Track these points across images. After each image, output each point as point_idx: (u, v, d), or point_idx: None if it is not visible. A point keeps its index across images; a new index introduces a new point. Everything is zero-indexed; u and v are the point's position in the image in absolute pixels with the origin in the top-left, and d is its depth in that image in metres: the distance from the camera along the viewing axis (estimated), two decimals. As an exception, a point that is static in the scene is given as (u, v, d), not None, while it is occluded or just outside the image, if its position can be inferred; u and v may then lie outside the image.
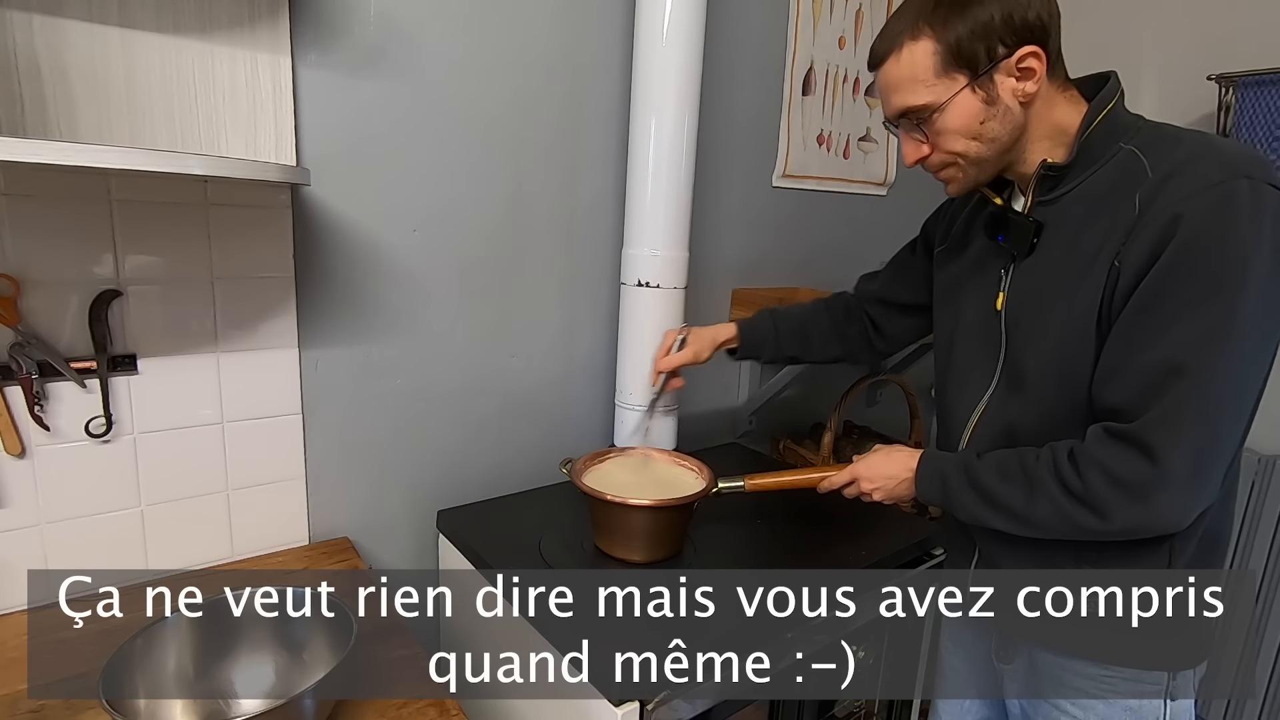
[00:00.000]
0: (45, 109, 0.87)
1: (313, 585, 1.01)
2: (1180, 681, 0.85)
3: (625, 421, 1.35)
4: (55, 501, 0.97)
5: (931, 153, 0.84)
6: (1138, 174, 0.75)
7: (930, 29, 0.77)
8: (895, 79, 0.81)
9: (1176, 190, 0.70)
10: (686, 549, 1.15)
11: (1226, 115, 1.58)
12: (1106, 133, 0.78)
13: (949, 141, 0.81)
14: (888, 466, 0.97)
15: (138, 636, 0.72)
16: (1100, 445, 0.75)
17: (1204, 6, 1.71)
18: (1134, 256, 0.72)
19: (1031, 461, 0.80)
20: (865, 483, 0.99)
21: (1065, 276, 0.79)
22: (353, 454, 1.21)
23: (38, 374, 0.91)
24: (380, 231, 1.17)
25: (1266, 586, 1.65)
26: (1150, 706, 0.86)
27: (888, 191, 1.99)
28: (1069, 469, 0.76)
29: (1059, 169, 0.80)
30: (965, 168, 0.84)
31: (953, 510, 0.88)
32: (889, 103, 0.84)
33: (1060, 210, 0.82)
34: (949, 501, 0.88)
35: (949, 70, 0.77)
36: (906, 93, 0.80)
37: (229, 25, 0.97)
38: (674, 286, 1.29)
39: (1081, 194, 0.80)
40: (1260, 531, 1.66)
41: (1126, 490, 0.73)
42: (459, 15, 1.17)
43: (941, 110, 0.79)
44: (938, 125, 0.81)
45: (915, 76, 0.79)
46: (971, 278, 0.94)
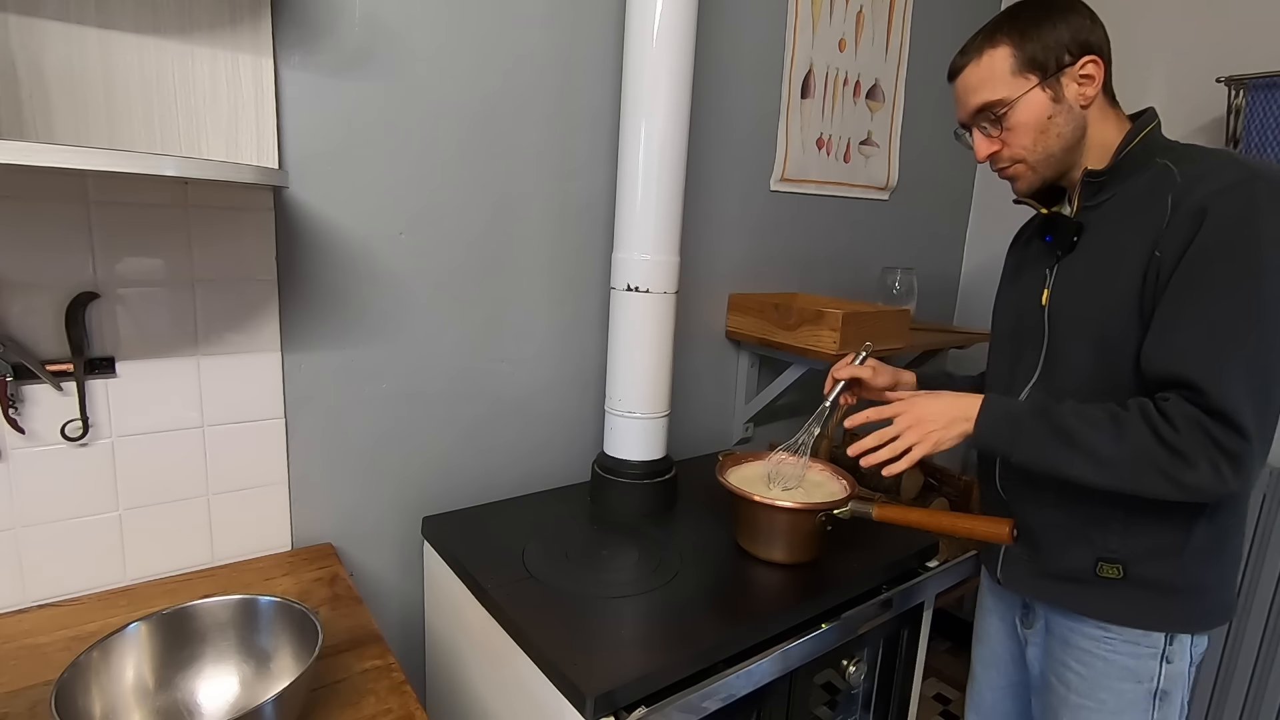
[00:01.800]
0: (21, 110, 0.86)
1: (287, 593, 1.01)
2: (1177, 647, 0.94)
3: (615, 428, 1.33)
4: (31, 505, 0.96)
5: (1002, 148, 0.95)
6: (1170, 180, 0.87)
7: (1008, 39, 0.90)
8: (975, 80, 0.93)
9: (1204, 188, 0.82)
10: (672, 558, 1.12)
11: (1236, 118, 1.54)
12: (1144, 149, 0.91)
13: (1019, 136, 0.92)
14: (940, 406, 0.94)
15: (94, 649, 0.71)
16: (1190, 408, 0.81)
17: (1213, 7, 1.67)
18: (1172, 245, 0.83)
19: (1116, 410, 0.85)
20: (913, 429, 0.93)
21: (1105, 269, 0.91)
22: (336, 459, 1.19)
23: (12, 376, 0.90)
24: (366, 234, 1.15)
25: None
26: (1146, 667, 0.95)
27: (889, 196, 1.96)
28: (1160, 419, 0.81)
29: (1100, 175, 0.93)
30: (1032, 165, 0.94)
31: (1016, 453, 0.89)
32: (966, 104, 0.95)
33: (1102, 214, 0.94)
34: (1017, 442, 0.89)
35: (1023, 71, 0.90)
36: (985, 90, 0.92)
37: (210, 26, 0.96)
38: (664, 291, 1.27)
39: (1120, 199, 0.92)
40: (1272, 545, 1.61)
41: (1223, 454, 0.79)
42: (446, 16, 1.16)
43: (1014, 105, 0.90)
44: (1010, 120, 0.91)
45: (994, 75, 0.91)
46: (1023, 279, 1.06)
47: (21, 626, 0.92)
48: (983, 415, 0.92)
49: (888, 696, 1.31)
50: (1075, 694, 0.99)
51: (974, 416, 0.92)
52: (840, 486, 1.18)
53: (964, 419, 0.92)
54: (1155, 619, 0.94)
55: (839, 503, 1.07)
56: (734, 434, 1.77)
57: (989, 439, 0.91)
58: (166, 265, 1.00)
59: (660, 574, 1.08)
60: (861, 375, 1.07)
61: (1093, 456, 0.84)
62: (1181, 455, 0.80)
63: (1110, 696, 0.97)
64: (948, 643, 2.27)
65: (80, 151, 0.70)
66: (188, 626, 0.80)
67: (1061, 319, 0.96)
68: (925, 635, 1.32)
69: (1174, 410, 0.81)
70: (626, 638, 0.93)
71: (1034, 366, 0.99)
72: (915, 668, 1.33)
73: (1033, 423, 0.88)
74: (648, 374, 1.30)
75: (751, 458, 1.26)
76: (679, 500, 1.37)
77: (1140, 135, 0.92)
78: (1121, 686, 0.96)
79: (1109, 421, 0.84)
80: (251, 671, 0.81)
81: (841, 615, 1.07)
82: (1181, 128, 1.70)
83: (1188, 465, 0.80)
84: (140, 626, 0.77)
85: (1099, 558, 0.94)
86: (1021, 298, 1.04)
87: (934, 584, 1.23)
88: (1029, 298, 1.02)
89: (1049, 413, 0.88)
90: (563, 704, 0.84)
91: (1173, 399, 0.82)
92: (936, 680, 2.14)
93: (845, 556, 1.16)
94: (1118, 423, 0.84)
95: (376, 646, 0.93)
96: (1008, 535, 0.94)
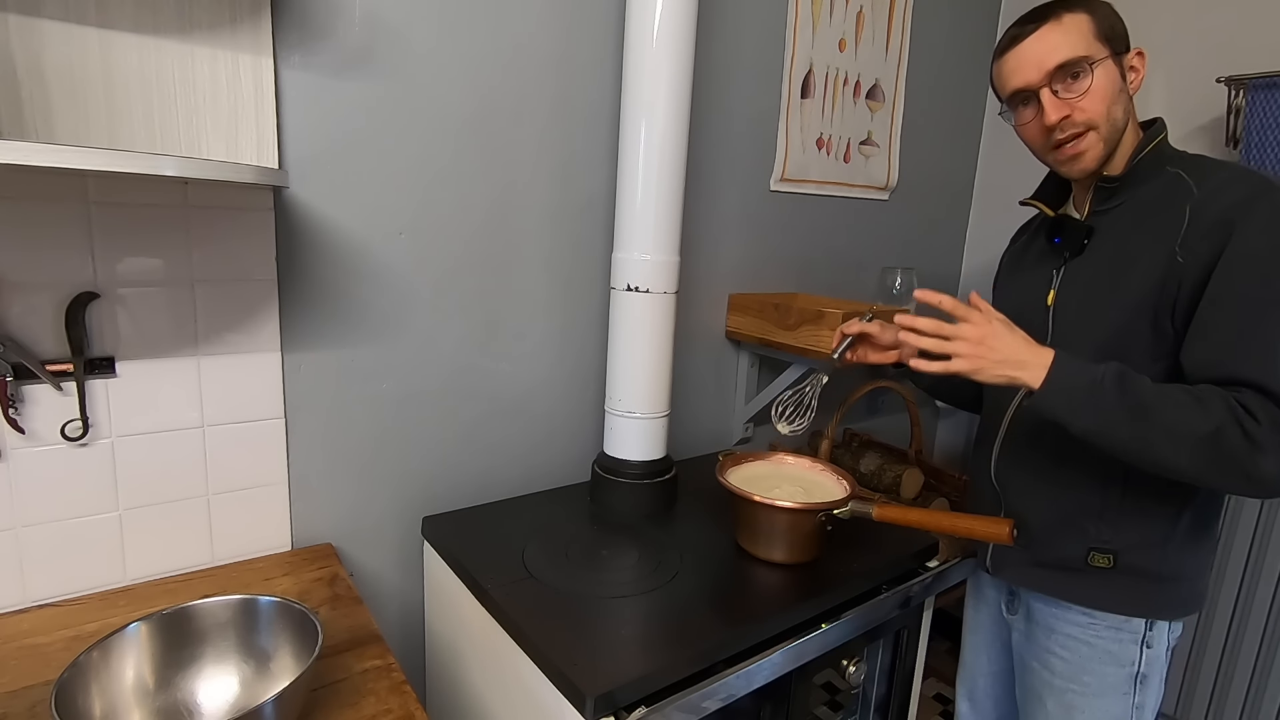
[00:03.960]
0: (21, 110, 0.86)
1: (287, 593, 1.01)
2: (1157, 632, 0.98)
3: (615, 428, 1.33)
4: (31, 505, 0.96)
5: (1073, 113, 0.90)
6: (1184, 190, 0.89)
7: (1084, 7, 0.90)
8: (1056, 38, 0.89)
9: (1226, 200, 0.85)
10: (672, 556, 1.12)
11: (1236, 118, 1.54)
12: (1156, 157, 0.93)
13: (1095, 101, 0.89)
14: (1008, 343, 0.87)
15: (94, 649, 0.71)
16: (1268, 403, 0.80)
17: (1213, 7, 1.67)
18: (1197, 253, 0.85)
19: (1197, 391, 0.83)
20: (968, 343, 0.87)
21: (1116, 273, 0.92)
22: (337, 459, 1.19)
23: (12, 376, 0.90)
24: (366, 234, 1.15)
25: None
26: (1128, 651, 0.98)
27: (889, 196, 1.96)
28: (1241, 410, 0.80)
29: (1113, 180, 0.94)
30: (1103, 135, 0.91)
31: (1076, 416, 0.84)
32: (1043, 63, 0.90)
33: (1112, 219, 0.95)
34: (1088, 408, 0.83)
35: (1100, 39, 0.89)
36: (1067, 48, 0.88)
37: (209, 26, 0.96)
38: (664, 291, 1.27)
39: (1131, 205, 0.94)
40: (1270, 553, 1.61)
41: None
42: (447, 15, 1.16)
43: (1097, 65, 0.88)
44: (1089, 82, 0.89)
45: (1080, 34, 0.89)
46: (1026, 277, 1.06)
47: (21, 626, 0.92)
48: (1055, 372, 0.84)
49: (888, 696, 1.31)
50: (1059, 677, 1.02)
51: (1042, 369, 0.85)
52: (840, 486, 1.18)
53: (1024, 365, 0.85)
54: (1140, 606, 0.97)
55: (839, 503, 1.07)
56: (734, 434, 1.77)
57: (1053, 400, 0.85)
58: (166, 265, 1.00)
59: (660, 574, 1.08)
60: (870, 330, 1.08)
61: (1168, 432, 0.81)
62: (1260, 447, 0.79)
63: (1093, 679, 1.00)
64: (948, 643, 2.27)
65: (80, 151, 0.70)
66: (188, 626, 0.80)
67: (1067, 320, 0.97)
68: (925, 635, 1.32)
69: (1253, 403, 0.80)
70: (626, 638, 0.93)
71: None
72: (915, 668, 1.33)
73: (1113, 390, 0.83)
74: (648, 374, 1.30)
75: (751, 458, 1.26)
76: (679, 500, 1.37)
77: (1153, 143, 0.93)
78: (1104, 670, 0.99)
79: (1193, 402, 0.82)
80: (251, 671, 0.81)
81: (841, 615, 1.07)
82: (1181, 128, 1.70)
83: (1264, 457, 0.79)
84: (140, 626, 0.77)
85: (1091, 547, 0.96)
86: (1023, 297, 1.04)
87: (934, 584, 1.23)
88: (1032, 297, 1.02)
89: (1127, 381, 0.83)
90: (563, 704, 0.84)
91: (1247, 393, 0.81)
92: (936, 680, 2.14)
93: (845, 556, 1.16)
94: (1199, 402, 0.81)
95: (376, 646, 0.93)
96: (1008, 536, 0.94)
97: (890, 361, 1.12)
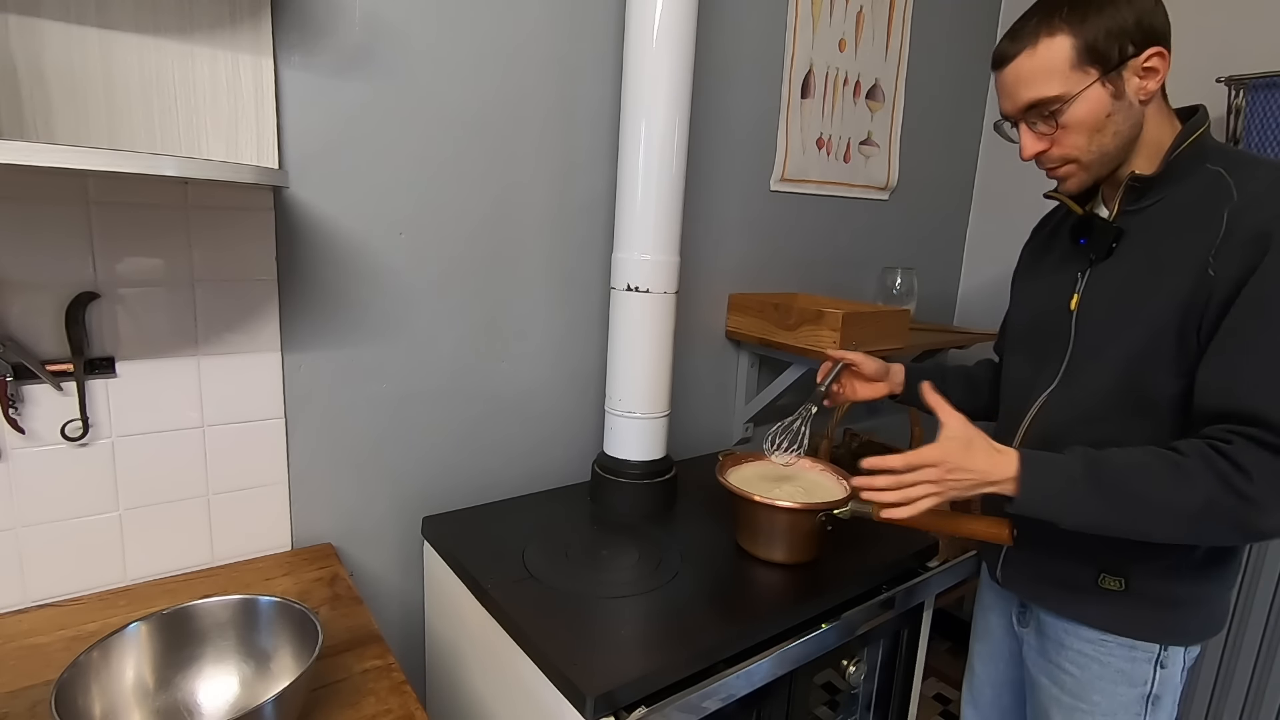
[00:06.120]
0: (21, 110, 0.86)
1: (287, 593, 1.01)
2: (1171, 653, 0.93)
3: (615, 428, 1.33)
4: (31, 505, 0.96)
5: (1051, 147, 0.88)
6: (1224, 192, 0.81)
7: (1067, 26, 0.81)
8: (1028, 72, 0.84)
9: (1268, 210, 0.77)
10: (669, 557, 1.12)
11: (1236, 118, 1.54)
12: (1195, 153, 0.85)
13: (1073, 135, 0.85)
14: (973, 456, 0.83)
15: (94, 649, 0.71)
16: (1260, 451, 0.75)
17: (1213, 7, 1.67)
18: (1230, 267, 0.78)
19: (1174, 458, 0.78)
20: (937, 481, 0.83)
21: (1145, 280, 0.85)
22: (337, 459, 1.19)
23: (12, 376, 0.90)
24: (366, 234, 1.15)
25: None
26: (1141, 671, 0.94)
27: (889, 196, 1.96)
28: (1229, 466, 0.75)
29: (1145, 180, 0.86)
30: (1085, 165, 0.88)
31: (1063, 516, 0.81)
32: (1015, 97, 0.87)
33: (1144, 220, 0.88)
34: (1068, 503, 0.81)
35: (1083, 65, 0.82)
36: (1039, 84, 0.84)
37: (210, 26, 0.96)
38: (664, 291, 1.27)
39: (1166, 206, 0.86)
40: (1272, 551, 1.60)
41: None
42: (447, 15, 1.16)
43: (1072, 102, 0.83)
44: (1065, 117, 0.84)
45: (1050, 68, 0.82)
46: (1049, 279, 1.00)
47: (21, 626, 0.92)
48: (1025, 477, 0.81)
49: (888, 696, 1.31)
50: (1068, 694, 0.99)
51: (1011, 478, 0.82)
52: (840, 486, 1.18)
53: (993, 478, 0.83)
54: (1152, 630, 0.92)
55: (839, 503, 1.07)
56: (734, 434, 1.77)
57: (1036, 505, 0.82)
58: (166, 265, 1.00)
59: (660, 574, 1.08)
60: (855, 359, 1.11)
61: (1158, 515, 0.78)
62: (1256, 504, 0.75)
63: (1103, 699, 0.96)
64: (948, 643, 2.27)
65: (80, 151, 0.70)
66: (188, 626, 0.80)
67: (1091, 327, 0.91)
68: (925, 635, 1.32)
69: (1242, 456, 0.75)
70: (626, 638, 0.93)
71: (1055, 374, 0.95)
72: (915, 668, 1.33)
73: (1090, 485, 0.80)
74: (648, 374, 1.30)
75: (751, 458, 1.26)
76: (679, 500, 1.37)
77: (1192, 137, 0.85)
78: (1115, 689, 0.95)
79: (1171, 472, 0.77)
80: (251, 671, 0.81)
81: (841, 615, 1.07)
82: (1181, 128, 1.70)
83: (1262, 513, 0.75)
84: (140, 626, 0.77)
85: (1103, 569, 0.92)
86: (1045, 298, 0.99)
87: (934, 584, 1.23)
88: (1055, 300, 0.96)
89: (1101, 471, 0.80)
90: (563, 704, 0.84)
91: (1237, 442, 0.76)
92: (936, 680, 2.14)
93: (845, 556, 1.16)
94: (1182, 473, 0.77)
95: (376, 646, 0.93)
96: (1007, 536, 0.94)
97: (879, 396, 1.15)
